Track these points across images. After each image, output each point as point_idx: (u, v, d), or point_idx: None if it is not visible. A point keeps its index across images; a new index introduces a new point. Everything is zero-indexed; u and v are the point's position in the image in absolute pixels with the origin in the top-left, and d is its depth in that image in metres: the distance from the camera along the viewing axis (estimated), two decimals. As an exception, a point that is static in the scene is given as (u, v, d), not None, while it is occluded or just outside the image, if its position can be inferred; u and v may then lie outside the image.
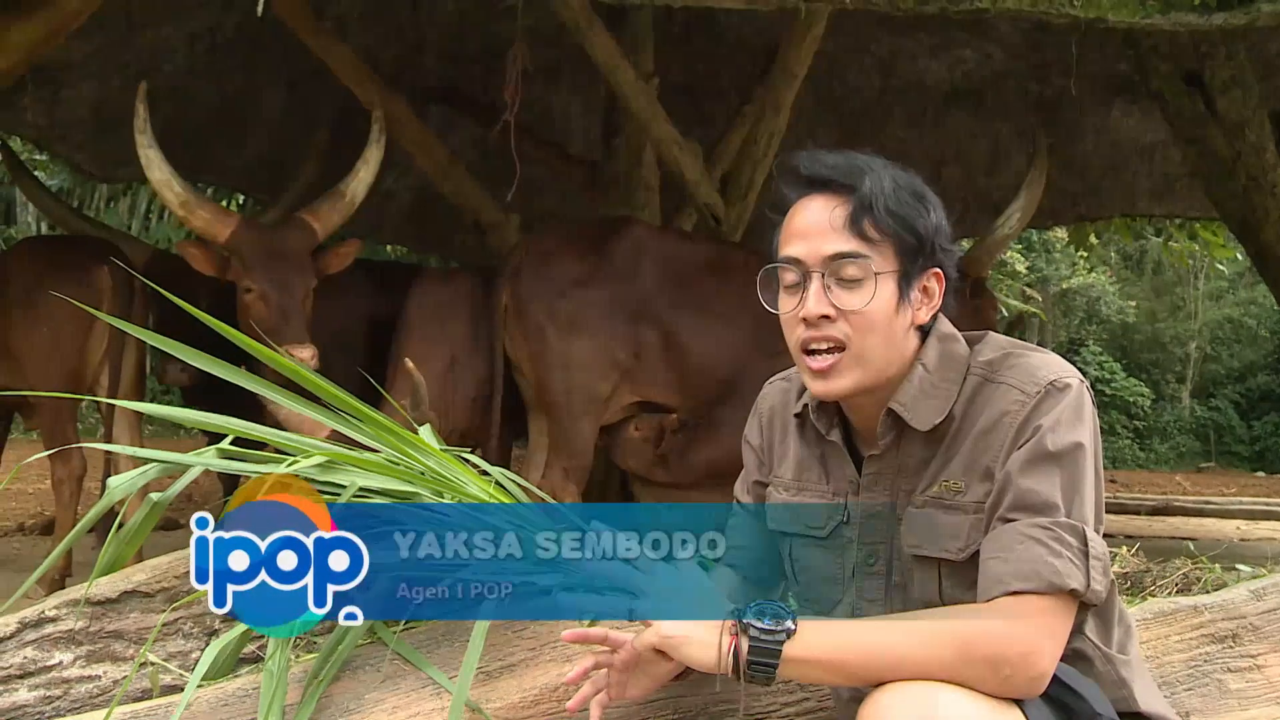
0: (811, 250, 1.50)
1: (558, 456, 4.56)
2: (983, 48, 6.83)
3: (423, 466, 1.92)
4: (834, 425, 1.60)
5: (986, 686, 1.31)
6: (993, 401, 1.47)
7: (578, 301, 4.53)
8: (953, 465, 1.48)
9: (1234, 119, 4.85)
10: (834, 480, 1.61)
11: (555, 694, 1.62)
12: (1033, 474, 1.40)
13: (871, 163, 1.52)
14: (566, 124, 7.65)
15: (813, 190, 1.53)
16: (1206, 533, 7.40)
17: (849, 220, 1.48)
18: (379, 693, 1.59)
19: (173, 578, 1.87)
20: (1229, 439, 20.53)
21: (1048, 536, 1.36)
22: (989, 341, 1.56)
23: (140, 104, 4.04)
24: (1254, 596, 2.30)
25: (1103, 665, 1.49)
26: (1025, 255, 17.76)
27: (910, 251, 1.50)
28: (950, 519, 1.46)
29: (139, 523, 1.87)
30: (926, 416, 1.49)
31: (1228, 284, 21.54)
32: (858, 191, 1.49)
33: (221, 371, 1.95)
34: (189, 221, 4.10)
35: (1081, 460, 1.41)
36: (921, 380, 1.51)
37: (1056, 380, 1.45)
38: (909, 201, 1.51)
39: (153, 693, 1.71)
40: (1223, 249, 9.53)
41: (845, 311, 1.48)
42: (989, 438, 1.45)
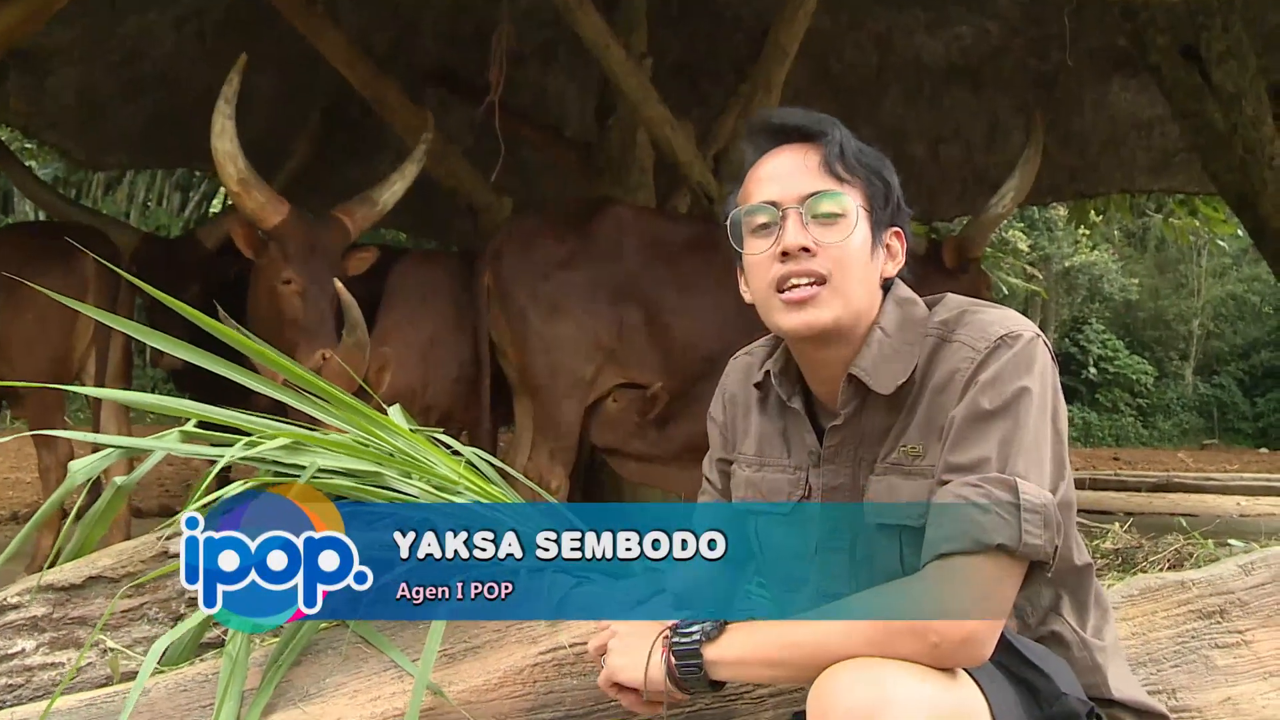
0: (787, 189, 1.47)
1: (544, 439, 4.53)
2: (980, 23, 6.76)
3: (391, 447, 1.89)
4: (795, 392, 1.56)
5: (921, 657, 1.26)
6: (946, 360, 1.43)
7: (560, 283, 4.51)
8: (911, 429, 1.44)
9: (1230, 91, 4.78)
10: (795, 454, 1.57)
11: (520, 676, 1.58)
12: (966, 430, 1.36)
13: (833, 118, 1.52)
14: (562, 106, 7.60)
15: (780, 141, 1.52)
16: (1207, 509, 7.37)
17: (823, 162, 1.47)
18: (340, 676, 1.56)
19: (139, 562, 1.84)
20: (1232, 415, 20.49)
21: (975, 494, 1.31)
22: (946, 302, 1.52)
23: (236, 74, 4.03)
24: (1242, 572, 2.26)
25: (1079, 650, 1.46)
26: (1027, 233, 17.67)
27: (880, 197, 1.50)
28: (910, 485, 1.42)
29: (103, 507, 1.84)
30: (888, 380, 1.45)
31: (1230, 260, 21.45)
32: (828, 138, 1.48)
33: (200, 359, 1.92)
34: (241, 200, 4.01)
35: (1021, 412, 1.35)
36: (881, 344, 1.47)
37: (1008, 334, 1.40)
38: (872, 153, 1.52)
39: (113, 678, 1.68)
40: (1224, 224, 9.47)
41: (825, 245, 1.45)
42: (942, 398, 1.41)
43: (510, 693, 1.56)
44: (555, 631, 1.63)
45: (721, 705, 1.68)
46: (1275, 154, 4.92)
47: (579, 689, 1.59)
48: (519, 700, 1.56)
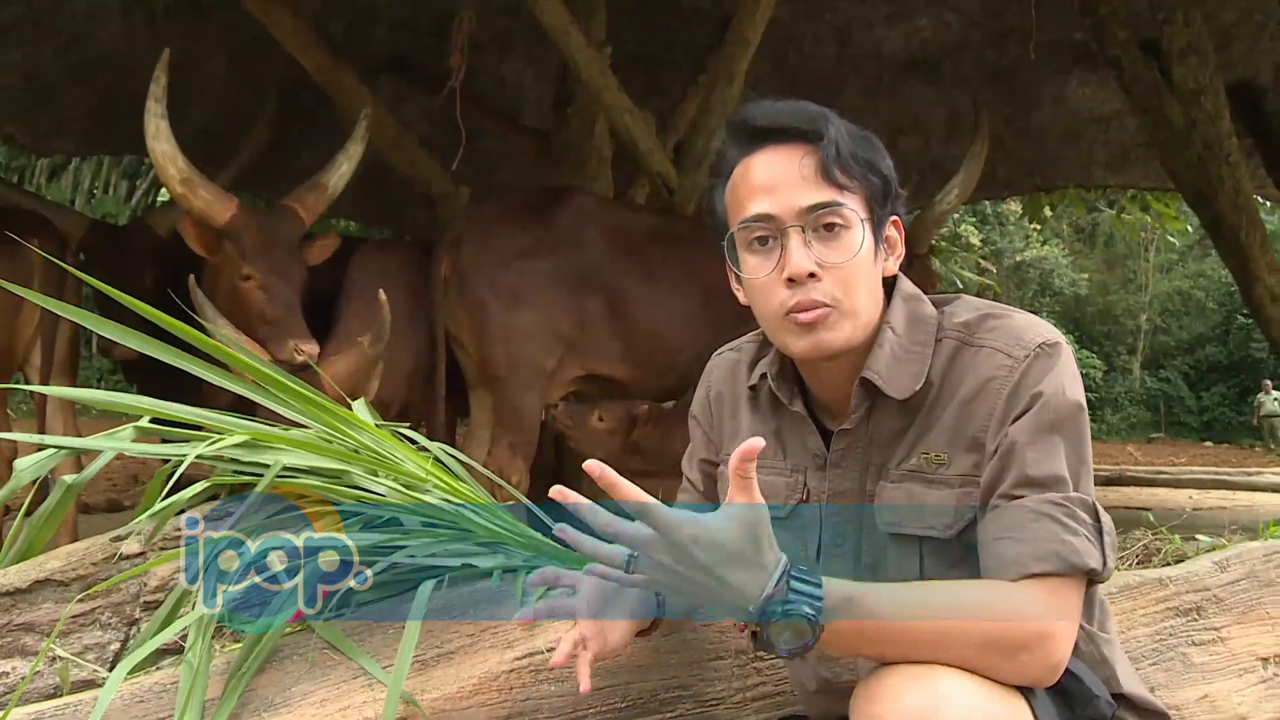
0: (785, 204, 1.38)
1: (504, 432, 4.46)
2: (940, 15, 6.76)
3: (357, 444, 1.81)
4: (795, 394, 1.50)
5: (1001, 674, 1.22)
6: (975, 367, 1.37)
7: (520, 273, 4.43)
8: (933, 436, 1.38)
9: (1190, 87, 4.82)
10: (792, 456, 1.51)
11: (495, 683, 1.52)
12: (1036, 446, 1.31)
13: (823, 109, 1.42)
14: (519, 94, 7.51)
15: (769, 142, 1.41)
16: (1160, 502, 7.44)
17: (820, 168, 1.38)
18: (307, 684, 1.49)
19: (90, 565, 1.75)
20: (1178, 410, 20.87)
21: (1061, 514, 1.28)
22: (962, 303, 1.47)
23: (161, 70, 3.87)
24: (1217, 568, 2.26)
25: (1086, 645, 1.41)
26: (980, 228, 17.84)
27: (879, 196, 1.42)
28: (934, 494, 1.37)
29: (52, 507, 1.75)
30: (903, 384, 1.39)
31: (1178, 257, 21.82)
32: (824, 138, 1.38)
33: (155, 351, 1.83)
34: (188, 201, 3.87)
35: (1082, 427, 1.34)
36: (892, 345, 1.41)
37: (1045, 342, 1.36)
38: (867, 145, 1.43)
39: (62, 690, 1.59)
40: (1175, 221, 9.60)
41: (830, 267, 1.37)
42: (974, 406, 1.36)
43: (486, 700, 1.50)
44: (531, 636, 1.57)
45: (702, 711, 1.63)
46: (1232, 150, 4.97)
47: (557, 695, 1.53)
48: (495, 708, 1.50)
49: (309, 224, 4.17)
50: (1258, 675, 2.23)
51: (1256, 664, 2.24)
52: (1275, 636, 2.28)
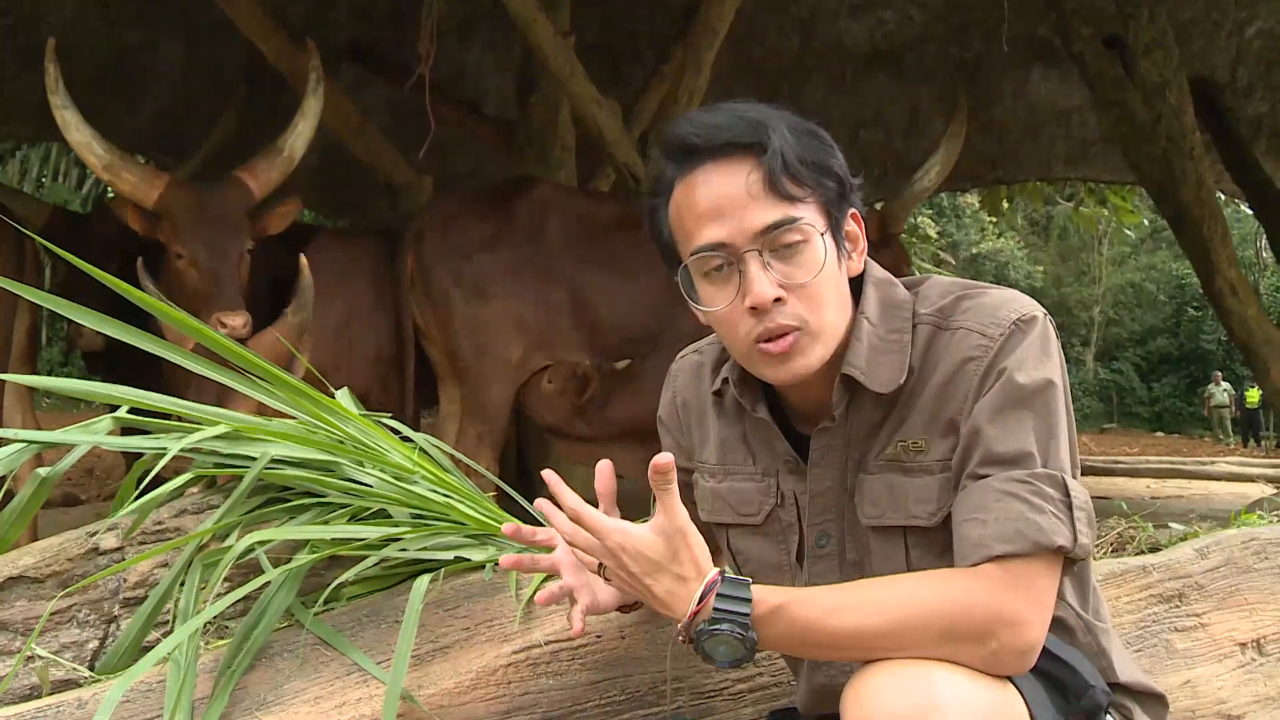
0: (736, 228, 1.29)
1: (471, 423, 4.43)
2: (903, 9, 6.80)
3: (342, 434, 1.77)
4: (759, 400, 1.43)
5: (973, 662, 1.19)
6: (951, 349, 1.32)
7: (484, 264, 4.41)
8: (910, 423, 1.34)
9: (1156, 81, 4.87)
10: (761, 460, 1.45)
11: (493, 677, 1.49)
12: (1002, 422, 1.25)
13: (762, 112, 1.33)
14: (480, 83, 7.45)
15: (708, 158, 1.32)
16: (1120, 491, 7.56)
17: (767, 184, 1.29)
18: (299, 681, 1.44)
19: (65, 560, 1.69)
20: (1130, 400, 21.22)
21: (1026, 491, 1.22)
22: (933, 285, 1.41)
23: (50, 63, 3.77)
24: (1199, 555, 2.28)
25: (1084, 635, 1.39)
26: (936, 220, 18.00)
27: (834, 199, 1.35)
28: (914, 482, 1.33)
29: (25, 501, 1.69)
30: (885, 376, 1.34)
31: (1130, 250, 22.17)
32: (768, 149, 1.29)
33: (127, 336, 1.77)
34: (115, 184, 3.84)
35: (1053, 400, 1.27)
36: (870, 336, 1.35)
37: (1020, 318, 1.30)
38: (815, 145, 1.34)
39: (42, 690, 1.54)
40: (1131, 214, 9.73)
41: (794, 287, 1.31)
42: (950, 389, 1.31)
43: (483, 695, 1.46)
44: (528, 630, 1.54)
45: (700, 703, 1.61)
46: (1195, 144, 5.03)
47: (556, 689, 1.50)
48: (493, 703, 1.46)
49: (261, 194, 4.04)
50: (1236, 660, 2.25)
51: (1235, 649, 2.26)
52: (1253, 622, 2.30)
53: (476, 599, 1.58)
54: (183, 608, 1.52)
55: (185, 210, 3.82)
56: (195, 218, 3.82)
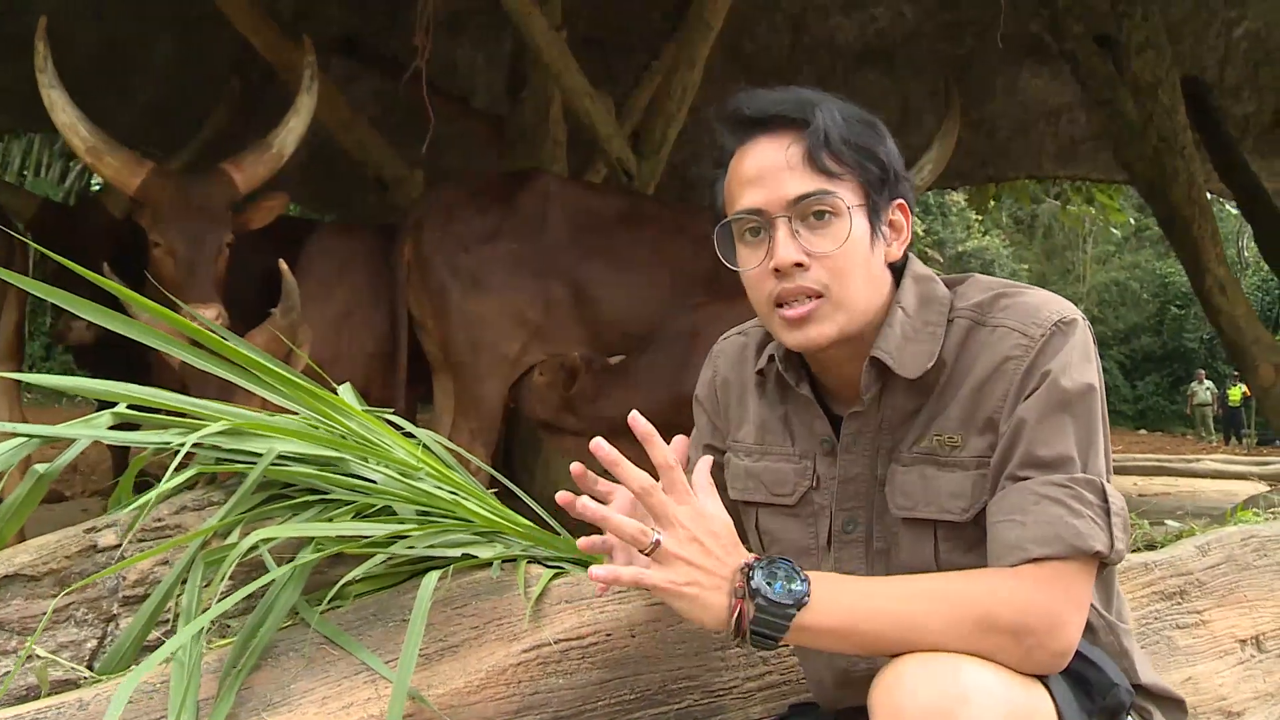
0: (771, 195, 1.35)
1: (464, 418, 4.39)
2: (895, 5, 6.80)
3: (345, 430, 1.75)
4: (802, 378, 1.46)
5: (1008, 660, 1.20)
6: (990, 346, 1.34)
7: (483, 257, 4.35)
8: (946, 417, 1.35)
9: (1148, 80, 4.88)
10: (800, 442, 1.47)
11: (503, 677, 1.47)
12: (1044, 425, 1.27)
13: (817, 94, 1.40)
14: (471, 77, 7.41)
15: (758, 131, 1.39)
16: (1106, 489, 7.56)
17: (806, 156, 1.35)
18: (306, 681, 1.42)
19: (63, 558, 1.66)
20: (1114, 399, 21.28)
21: (1066, 495, 1.25)
22: (974, 282, 1.44)
23: (40, 42, 3.72)
24: (1200, 552, 2.28)
25: (1106, 635, 1.40)
26: (923, 218, 18.04)
27: (875, 182, 1.38)
28: (948, 476, 1.34)
29: (21, 498, 1.66)
30: (914, 363, 1.36)
31: (1114, 248, 22.28)
32: (810, 125, 1.35)
33: (126, 328, 1.74)
34: (97, 169, 3.80)
35: (1094, 405, 1.30)
36: (903, 324, 1.38)
37: (1061, 320, 1.32)
38: (862, 130, 1.39)
39: (40, 690, 1.51)
40: (1118, 213, 9.77)
41: (819, 256, 1.34)
42: (989, 386, 1.33)
43: (494, 695, 1.45)
44: (537, 628, 1.52)
45: (710, 701, 1.59)
46: (1186, 143, 5.05)
47: (566, 689, 1.49)
48: (503, 703, 1.45)
49: (246, 188, 4.01)
50: (1236, 657, 2.26)
51: (1235, 646, 2.27)
52: (1253, 619, 2.31)
53: (484, 597, 1.56)
54: (185, 606, 1.49)
55: (166, 199, 3.80)
56: (175, 207, 3.79)
